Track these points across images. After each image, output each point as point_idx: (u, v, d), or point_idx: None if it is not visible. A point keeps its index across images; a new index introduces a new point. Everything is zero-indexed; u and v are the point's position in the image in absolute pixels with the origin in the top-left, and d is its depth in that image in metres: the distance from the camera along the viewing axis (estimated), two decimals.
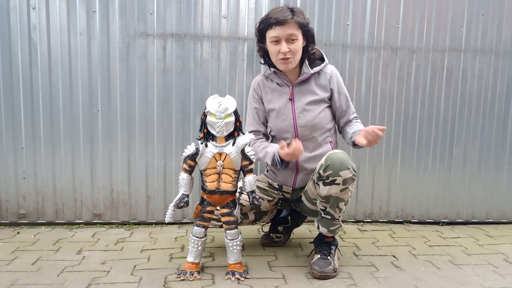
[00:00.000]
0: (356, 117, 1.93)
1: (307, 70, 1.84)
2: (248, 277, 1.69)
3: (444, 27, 2.44)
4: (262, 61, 1.92)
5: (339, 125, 1.95)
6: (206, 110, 1.62)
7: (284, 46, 1.74)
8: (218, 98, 1.63)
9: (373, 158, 2.48)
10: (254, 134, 1.94)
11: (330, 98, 1.88)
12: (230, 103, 1.62)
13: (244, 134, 1.69)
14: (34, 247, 2.02)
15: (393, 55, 2.43)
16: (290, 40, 1.75)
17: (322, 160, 1.72)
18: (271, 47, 1.79)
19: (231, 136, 1.65)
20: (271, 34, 1.75)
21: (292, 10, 1.75)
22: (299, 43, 1.78)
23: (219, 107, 1.60)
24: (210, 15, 2.32)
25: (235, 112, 1.64)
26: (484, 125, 2.53)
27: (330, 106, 1.90)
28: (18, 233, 2.24)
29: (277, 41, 1.76)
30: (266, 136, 1.97)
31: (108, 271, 1.74)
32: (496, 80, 2.50)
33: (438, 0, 2.41)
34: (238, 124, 1.65)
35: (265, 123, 1.97)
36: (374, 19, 2.40)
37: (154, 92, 2.33)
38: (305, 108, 1.83)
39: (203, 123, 1.65)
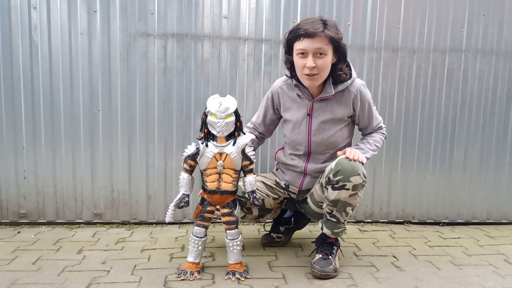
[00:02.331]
0: (379, 128, 1.89)
1: (330, 90, 1.74)
2: (248, 277, 1.69)
3: (445, 27, 2.44)
4: (289, 74, 1.82)
5: (361, 134, 1.94)
6: (207, 110, 1.62)
7: (310, 61, 1.64)
8: (219, 98, 1.63)
9: (374, 159, 2.47)
10: (252, 128, 1.99)
11: (352, 115, 1.82)
12: (230, 103, 1.62)
13: (244, 134, 1.69)
14: (34, 246, 2.02)
15: (394, 56, 2.43)
16: (317, 54, 1.65)
17: (332, 165, 1.69)
18: (297, 60, 1.70)
19: (232, 136, 1.65)
20: (298, 46, 1.66)
21: (324, 23, 1.64)
22: (328, 59, 1.67)
23: (220, 107, 1.60)
24: (211, 15, 2.32)
25: (236, 112, 1.64)
26: (484, 125, 2.52)
27: (351, 122, 1.85)
28: (19, 232, 2.24)
29: (303, 54, 1.66)
30: (261, 136, 2.01)
31: (109, 271, 1.74)
32: (496, 80, 2.50)
33: (438, 1, 2.41)
34: (238, 124, 1.65)
35: (270, 126, 2.00)
36: (375, 19, 2.40)
37: (155, 92, 2.33)
38: (321, 126, 1.79)
39: (204, 123, 1.65)
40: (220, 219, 1.74)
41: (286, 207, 2.10)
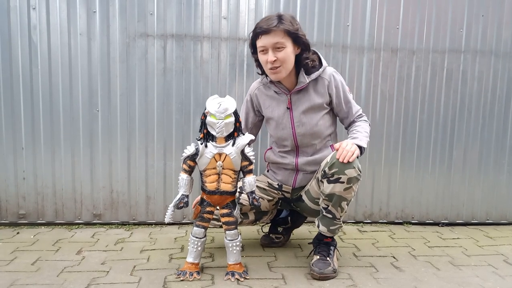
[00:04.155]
0: (359, 115, 1.89)
1: (304, 79, 1.80)
2: (247, 277, 1.69)
3: (444, 28, 2.44)
4: (260, 72, 1.89)
5: (344, 126, 1.94)
6: (206, 110, 1.62)
7: (270, 56, 1.71)
8: (218, 99, 1.63)
9: (373, 159, 2.48)
10: None
11: (330, 102, 1.86)
12: (230, 104, 1.62)
13: (244, 134, 1.69)
14: (33, 247, 2.02)
15: (393, 56, 2.43)
16: (276, 48, 1.71)
17: (328, 158, 1.71)
18: (260, 57, 1.77)
19: (231, 136, 1.65)
20: (258, 44, 1.74)
21: (280, 18, 1.70)
22: (288, 50, 1.72)
23: (219, 107, 1.60)
24: (210, 15, 2.32)
25: (235, 113, 1.64)
26: (484, 126, 2.53)
27: (330, 110, 1.88)
28: (18, 233, 2.24)
29: (264, 51, 1.73)
30: None
31: (108, 272, 1.74)
32: (496, 81, 2.50)
33: (438, 1, 2.42)
34: (238, 124, 1.66)
35: (253, 130, 2.00)
36: (374, 20, 2.40)
37: (154, 92, 2.33)
38: (303, 117, 1.83)
39: (203, 124, 1.65)
40: (220, 226, 1.75)
41: (281, 207, 2.10)
